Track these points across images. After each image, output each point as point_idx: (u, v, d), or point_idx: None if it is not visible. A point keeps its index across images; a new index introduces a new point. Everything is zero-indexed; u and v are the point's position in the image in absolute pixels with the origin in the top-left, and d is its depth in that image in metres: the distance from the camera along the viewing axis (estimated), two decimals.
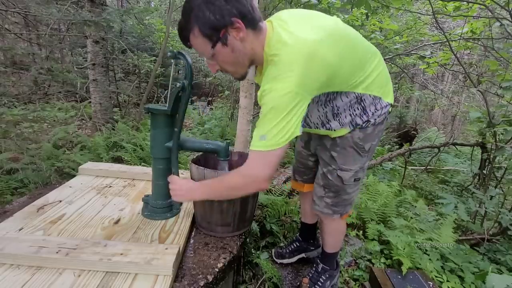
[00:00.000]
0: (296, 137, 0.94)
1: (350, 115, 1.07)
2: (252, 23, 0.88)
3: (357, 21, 3.68)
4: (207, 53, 0.90)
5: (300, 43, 0.84)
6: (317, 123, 1.13)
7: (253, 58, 0.95)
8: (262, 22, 0.92)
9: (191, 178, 1.28)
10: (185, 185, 1.13)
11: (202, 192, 1.08)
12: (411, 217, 2.09)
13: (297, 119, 0.87)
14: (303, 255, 1.67)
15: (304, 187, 1.51)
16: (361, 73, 0.99)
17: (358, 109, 1.06)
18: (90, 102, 4.37)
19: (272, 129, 0.87)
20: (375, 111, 1.07)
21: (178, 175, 1.23)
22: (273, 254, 1.69)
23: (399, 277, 1.49)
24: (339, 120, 1.08)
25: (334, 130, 1.11)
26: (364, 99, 1.04)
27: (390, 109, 1.12)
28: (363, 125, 1.09)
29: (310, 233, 1.67)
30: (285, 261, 1.66)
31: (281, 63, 0.85)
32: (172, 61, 1.13)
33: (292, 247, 1.67)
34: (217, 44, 0.87)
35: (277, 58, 0.86)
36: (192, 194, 1.12)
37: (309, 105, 0.91)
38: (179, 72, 1.17)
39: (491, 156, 2.32)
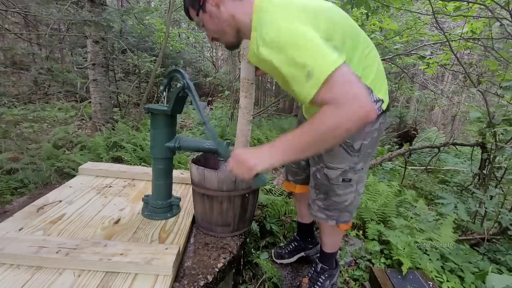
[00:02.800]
0: None
1: None
2: None
3: (357, 21, 3.68)
4: (198, 22, 0.98)
5: (290, 2, 0.85)
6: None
7: (238, 26, 0.95)
8: None
9: (191, 178, 1.28)
10: (254, 154, 0.85)
11: (284, 153, 0.82)
12: (411, 217, 2.09)
13: (324, 43, 0.75)
14: (302, 253, 1.67)
15: (296, 188, 1.51)
16: (355, 44, 0.94)
17: None
18: (90, 102, 4.37)
19: (310, 57, 0.73)
20: None
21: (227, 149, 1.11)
22: (272, 254, 1.69)
23: (399, 277, 1.49)
24: None
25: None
26: None
27: (384, 106, 1.04)
28: None
29: (307, 232, 1.67)
30: (284, 261, 1.66)
31: (272, 15, 0.82)
32: (164, 93, 1.15)
33: (291, 247, 1.67)
34: (199, 11, 0.95)
35: (266, 14, 0.83)
36: (270, 162, 0.83)
37: None
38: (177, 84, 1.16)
39: (491, 156, 2.32)
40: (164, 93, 1.19)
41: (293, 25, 0.78)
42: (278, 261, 1.66)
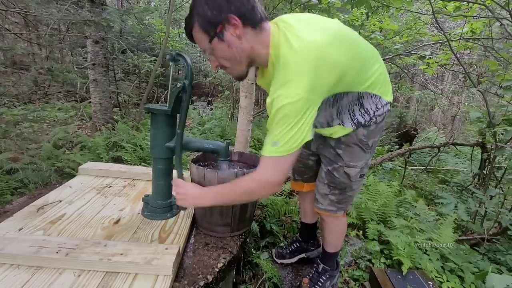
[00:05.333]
0: None
1: (350, 113, 1.07)
2: (251, 21, 0.89)
3: (357, 21, 3.68)
4: (206, 48, 0.93)
5: (308, 46, 0.84)
6: (322, 123, 1.13)
7: (253, 57, 0.95)
8: (265, 22, 0.93)
9: (191, 178, 1.28)
10: (192, 191, 1.10)
11: (211, 199, 1.05)
12: (411, 217, 2.09)
13: (308, 123, 0.88)
14: (303, 255, 1.67)
15: (304, 187, 1.51)
16: (366, 72, 1.01)
17: (357, 106, 1.06)
18: (90, 102, 4.37)
19: (285, 135, 0.88)
20: (376, 110, 1.08)
21: (182, 178, 1.22)
22: (273, 254, 1.69)
23: (399, 277, 1.49)
24: (340, 118, 1.09)
25: (334, 126, 1.12)
26: (364, 97, 1.05)
27: (389, 108, 1.14)
28: (366, 123, 1.09)
29: (310, 233, 1.67)
30: (285, 261, 1.66)
31: (290, 68, 0.85)
32: (171, 63, 1.13)
33: (293, 247, 1.67)
34: (214, 39, 0.89)
35: (285, 62, 0.86)
36: (199, 201, 1.08)
37: (319, 108, 0.91)
38: (179, 72, 1.17)
39: (491, 156, 2.32)
40: (171, 62, 1.14)
41: (301, 94, 0.84)
42: (279, 260, 1.66)
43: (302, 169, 1.46)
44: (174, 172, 1.39)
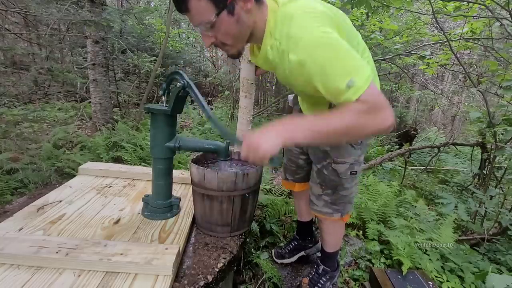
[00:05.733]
0: None
1: None
2: None
3: (357, 21, 3.68)
4: (207, 21, 0.79)
5: (308, 9, 0.80)
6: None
7: (253, 32, 0.89)
8: None
9: (191, 178, 1.28)
10: (262, 132, 0.82)
11: (302, 130, 0.79)
12: (411, 217, 2.09)
13: (353, 51, 0.77)
14: (302, 253, 1.68)
15: (295, 186, 1.51)
16: (353, 44, 0.96)
17: None
18: (90, 102, 4.37)
19: (350, 68, 0.74)
20: None
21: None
22: (273, 254, 1.69)
23: (399, 277, 1.49)
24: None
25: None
26: None
27: None
28: None
29: (307, 230, 1.67)
30: (285, 261, 1.66)
31: (293, 18, 0.79)
32: (163, 97, 1.13)
33: (291, 246, 1.67)
34: (223, 11, 0.78)
35: (287, 17, 0.81)
36: (281, 139, 0.79)
37: None
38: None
39: (491, 156, 2.32)
40: (163, 97, 1.16)
41: (325, 29, 0.76)
42: (279, 261, 1.66)
43: (293, 168, 1.46)
44: (174, 172, 1.39)
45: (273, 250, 1.71)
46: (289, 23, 0.79)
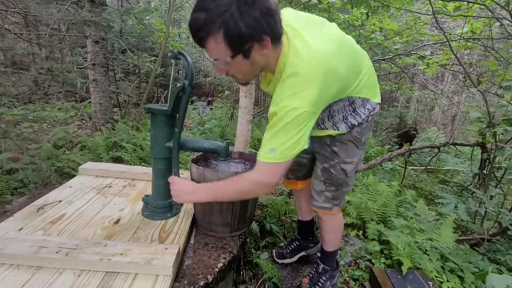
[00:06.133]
0: None
1: (343, 116, 1.12)
2: (277, 39, 0.86)
3: (357, 21, 3.68)
4: (222, 60, 0.85)
5: (316, 55, 0.85)
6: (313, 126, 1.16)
7: (264, 67, 0.95)
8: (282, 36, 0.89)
9: (191, 178, 1.28)
10: (186, 187, 1.11)
11: (206, 195, 1.07)
12: (411, 217, 2.09)
13: (306, 134, 0.90)
14: (303, 253, 1.68)
15: (297, 185, 1.51)
16: (358, 78, 1.04)
17: (349, 111, 1.11)
18: (90, 102, 4.37)
19: (284, 144, 0.90)
20: (368, 112, 1.13)
21: (178, 175, 1.23)
22: (274, 254, 1.69)
23: (399, 277, 1.49)
24: (333, 121, 1.13)
25: (326, 129, 1.16)
26: (355, 102, 1.10)
27: (379, 107, 1.20)
28: (359, 124, 1.15)
29: (308, 230, 1.67)
30: (286, 261, 1.66)
31: (299, 78, 0.85)
32: (172, 61, 1.13)
33: (293, 246, 1.67)
34: (238, 55, 0.82)
35: (294, 72, 0.85)
36: (194, 196, 1.10)
37: None
38: (179, 72, 1.17)
39: (491, 156, 2.32)
40: (172, 61, 1.13)
41: (303, 107, 0.85)
42: (280, 261, 1.66)
43: (295, 167, 1.46)
44: None
45: (273, 250, 1.71)
46: (289, 79, 0.87)
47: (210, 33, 0.78)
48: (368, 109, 1.13)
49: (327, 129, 1.15)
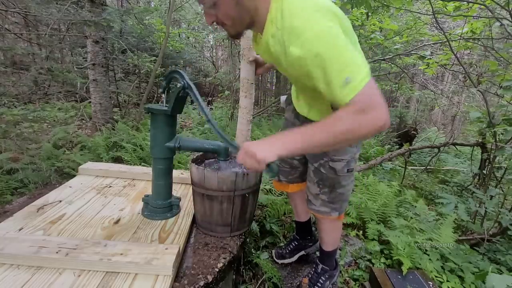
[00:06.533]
0: None
1: None
2: None
3: (357, 21, 3.68)
4: (210, 1, 0.84)
5: (314, 2, 0.81)
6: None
7: (254, 19, 0.90)
8: None
9: (191, 178, 1.28)
10: (259, 142, 0.86)
11: (295, 142, 0.82)
12: (411, 217, 2.09)
13: (353, 49, 0.78)
14: (302, 252, 1.68)
15: (289, 188, 1.51)
16: (357, 46, 0.98)
17: None
18: (90, 102, 4.38)
19: (348, 65, 0.75)
20: None
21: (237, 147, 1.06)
22: (273, 255, 1.69)
23: (399, 277, 1.49)
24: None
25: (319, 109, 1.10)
26: None
27: None
28: None
29: (306, 230, 1.68)
30: (286, 261, 1.66)
31: (297, 12, 0.79)
32: (163, 95, 1.13)
33: (292, 246, 1.67)
34: None
35: (291, 10, 0.80)
36: (277, 145, 0.83)
37: None
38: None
39: (491, 156, 2.32)
40: (163, 95, 1.18)
41: (329, 24, 0.76)
42: (280, 261, 1.67)
43: (287, 169, 1.46)
44: (174, 172, 1.39)
45: (273, 251, 1.71)
46: (294, 14, 0.79)
47: None
48: None
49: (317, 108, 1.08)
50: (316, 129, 0.80)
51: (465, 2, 2.60)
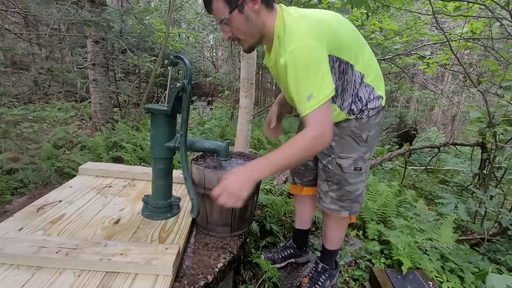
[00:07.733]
0: None
1: (351, 95, 1.14)
2: (267, 1, 1.01)
3: (357, 21, 3.68)
4: (224, 19, 0.99)
5: (305, 13, 1.02)
6: None
7: (264, 33, 1.05)
8: (275, 3, 1.06)
9: (191, 178, 1.28)
10: (234, 177, 0.95)
11: (265, 168, 0.95)
12: (411, 217, 2.10)
13: (329, 74, 0.94)
14: (292, 260, 1.68)
15: (303, 191, 1.50)
16: (361, 51, 1.11)
17: (356, 89, 1.14)
18: (90, 102, 4.38)
19: (314, 85, 0.92)
20: (368, 100, 1.15)
21: (191, 180, 1.18)
22: (264, 256, 1.65)
23: (399, 277, 1.49)
24: (342, 97, 1.14)
25: (335, 104, 1.15)
26: (363, 81, 1.13)
27: (383, 103, 1.20)
28: (358, 115, 1.16)
29: (304, 239, 1.68)
30: (276, 265, 1.63)
31: (293, 29, 0.97)
32: (169, 67, 1.15)
33: (286, 253, 1.65)
34: (234, 10, 0.97)
35: (289, 28, 0.97)
36: (252, 175, 0.95)
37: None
38: (180, 72, 1.18)
39: (491, 156, 2.32)
40: (170, 67, 1.18)
41: (313, 44, 0.93)
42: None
43: (301, 171, 1.46)
44: (174, 172, 1.39)
45: (264, 252, 1.68)
46: (289, 33, 0.97)
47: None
48: (369, 95, 1.14)
49: (334, 103, 1.14)
50: (279, 154, 0.97)
51: (465, 2, 2.60)
